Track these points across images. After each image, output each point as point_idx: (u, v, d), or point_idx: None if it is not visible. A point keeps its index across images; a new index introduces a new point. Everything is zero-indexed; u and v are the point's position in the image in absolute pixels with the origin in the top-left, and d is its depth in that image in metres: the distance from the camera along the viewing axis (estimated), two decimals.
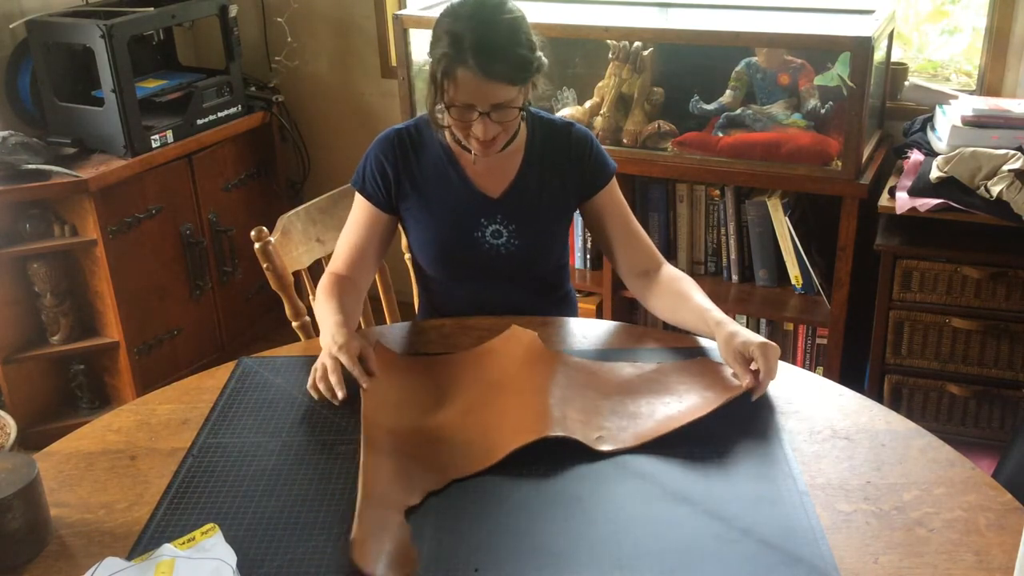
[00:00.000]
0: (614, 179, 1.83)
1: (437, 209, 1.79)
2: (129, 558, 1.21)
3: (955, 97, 2.62)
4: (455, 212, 1.78)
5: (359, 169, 1.82)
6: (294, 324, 1.97)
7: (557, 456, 1.37)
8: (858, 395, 1.52)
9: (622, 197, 1.84)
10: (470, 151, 1.73)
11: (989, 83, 2.69)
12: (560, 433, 1.38)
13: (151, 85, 2.97)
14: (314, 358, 1.68)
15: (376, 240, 1.81)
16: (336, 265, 1.80)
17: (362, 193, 1.81)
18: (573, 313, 1.98)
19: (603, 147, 1.85)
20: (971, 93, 2.72)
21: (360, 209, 1.81)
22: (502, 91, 1.59)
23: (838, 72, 2.58)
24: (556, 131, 1.81)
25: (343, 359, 1.50)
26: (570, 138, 1.80)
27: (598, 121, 2.81)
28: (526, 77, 1.62)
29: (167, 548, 1.21)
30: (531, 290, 1.87)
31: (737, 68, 2.75)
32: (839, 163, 2.51)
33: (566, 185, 1.80)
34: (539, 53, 1.66)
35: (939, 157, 2.43)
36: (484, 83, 1.57)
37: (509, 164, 1.78)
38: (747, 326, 2.82)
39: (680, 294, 1.70)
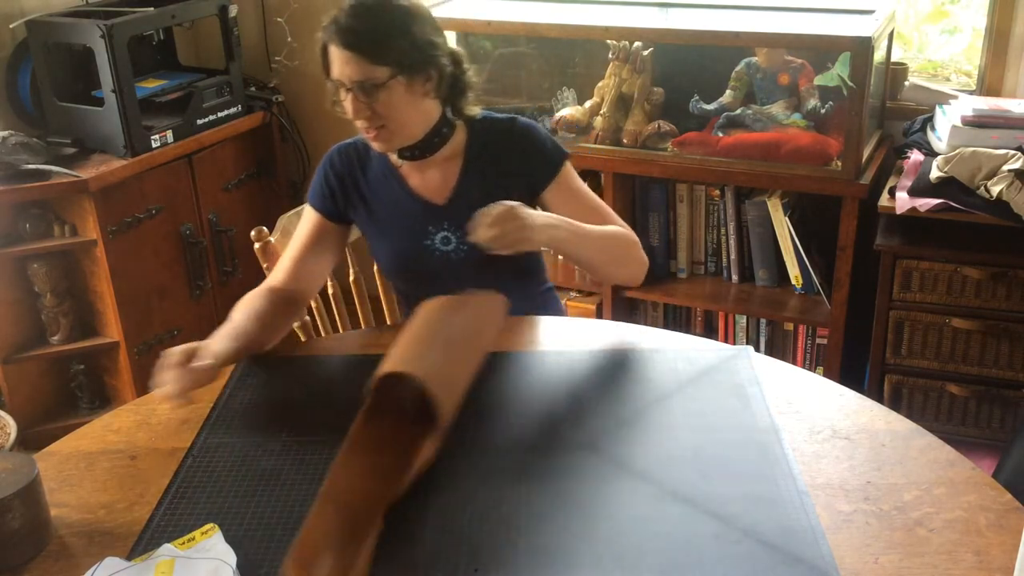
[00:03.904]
0: (567, 167, 1.78)
1: (385, 220, 1.80)
2: (129, 558, 1.21)
3: (955, 97, 2.63)
4: (402, 222, 1.79)
5: (311, 183, 1.84)
6: (294, 324, 1.97)
7: (557, 456, 1.38)
8: (858, 395, 1.52)
9: (580, 184, 1.80)
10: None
11: (989, 83, 2.69)
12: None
13: (151, 85, 2.96)
14: (315, 358, 1.68)
15: (318, 248, 1.80)
16: (271, 277, 1.79)
17: (311, 205, 1.82)
18: (555, 311, 1.96)
19: (552, 136, 1.82)
20: (971, 93, 2.72)
21: (306, 220, 1.82)
22: (362, 67, 1.61)
23: (838, 72, 2.58)
24: (498, 128, 1.80)
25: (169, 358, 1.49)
26: (512, 132, 1.79)
27: (598, 121, 2.81)
28: (391, 59, 1.61)
29: (167, 548, 1.21)
30: (501, 292, 1.80)
31: (737, 68, 2.76)
32: (839, 163, 2.51)
33: (513, 181, 1.77)
34: (434, 52, 1.66)
35: (939, 157, 2.43)
36: (344, 55, 1.61)
37: (448, 170, 1.78)
38: (747, 326, 2.83)
39: None
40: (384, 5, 1.65)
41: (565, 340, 1.70)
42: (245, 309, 1.68)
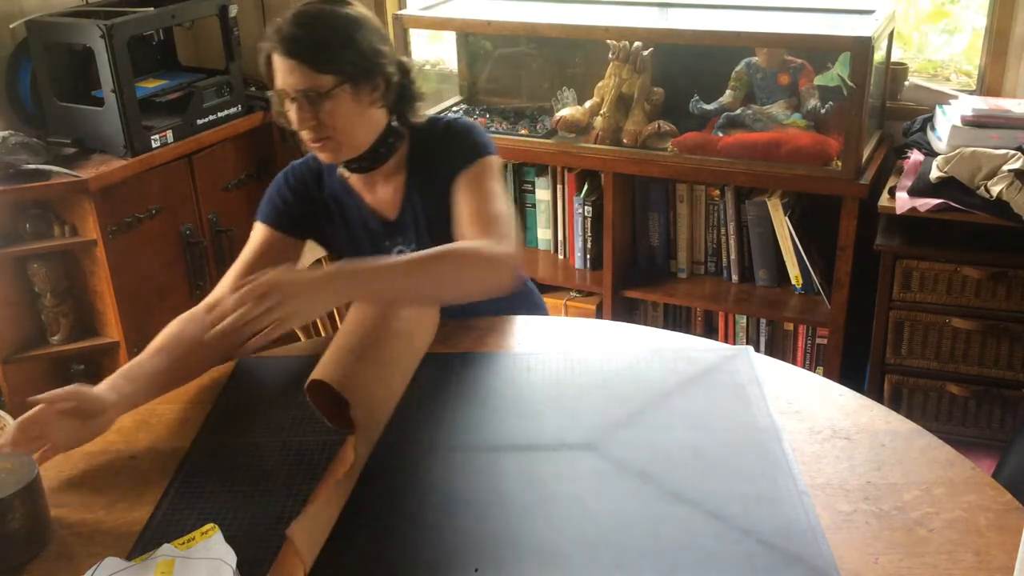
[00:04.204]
0: (483, 164, 1.68)
1: (345, 238, 1.77)
2: (129, 558, 1.21)
3: (955, 97, 2.63)
4: (361, 240, 1.76)
5: (261, 203, 1.77)
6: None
7: (556, 456, 1.38)
8: (858, 395, 1.52)
9: (485, 184, 1.66)
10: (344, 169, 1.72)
11: (989, 83, 2.69)
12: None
13: (151, 85, 2.97)
14: (314, 358, 1.68)
15: (268, 263, 1.65)
16: (212, 295, 1.66)
17: (264, 221, 1.74)
18: (530, 303, 1.92)
19: (483, 135, 1.73)
20: (971, 93, 2.72)
21: (256, 237, 1.74)
22: (306, 75, 1.57)
23: (838, 72, 2.58)
24: (434, 132, 1.74)
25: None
26: (444, 134, 1.74)
27: (598, 121, 2.81)
28: (336, 67, 1.58)
29: (167, 548, 1.21)
30: None
31: (737, 68, 2.76)
32: (839, 163, 2.51)
33: (446, 183, 1.69)
34: (379, 60, 1.62)
35: (939, 157, 2.43)
36: (287, 64, 1.58)
37: (394, 183, 1.75)
38: (747, 326, 2.83)
39: None
40: (328, 13, 1.62)
41: (565, 340, 1.70)
42: (162, 341, 1.57)
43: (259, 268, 1.66)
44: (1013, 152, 2.34)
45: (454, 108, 3.10)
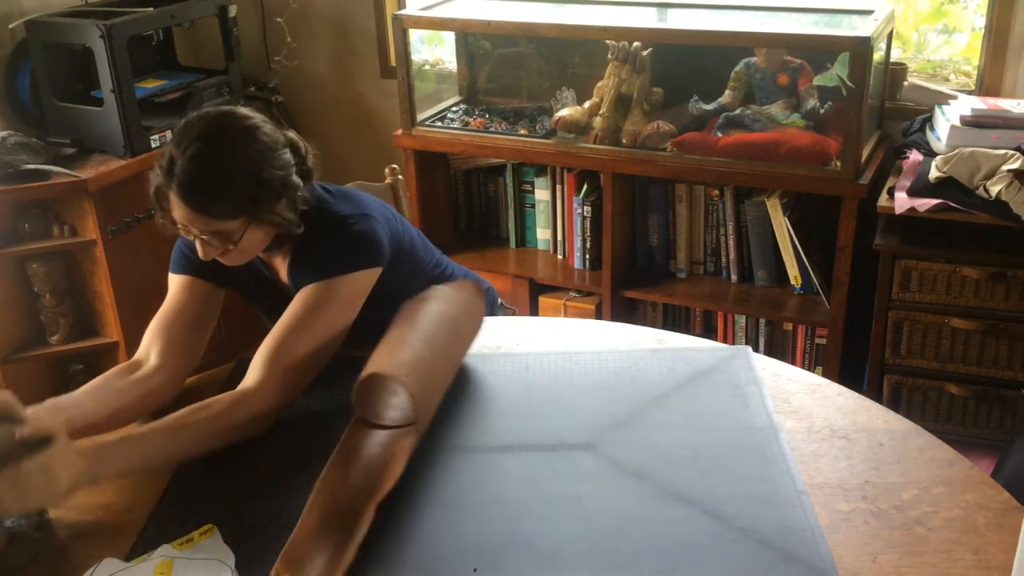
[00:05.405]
0: (329, 288, 1.56)
1: (263, 299, 1.73)
2: (128, 559, 1.21)
3: (954, 97, 2.63)
4: (272, 303, 1.69)
5: (173, 257, 1.69)
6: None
7: (556, 456, 1.38)
8: (856, 394, 1.52)
9: (317, 315, 1.55)
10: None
11: (988, 83, 2.69)
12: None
13: (151, 85, 2.97)
14: None
15: (188, 311, 1.63)
16: (139, 354, 1.59)
17: (182, 272, 1.66)
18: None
19: (362, 248, 1.61)
20: (970, 93, 2.72)
21: (175, 287, 1.66)
22: (210, 223, 1.50)
23: (837, 72, 2.58)
24: (323, 223, 1.62)
25: None
26: (327, 233, 1.62)
27: (597, 121, 2.81)
28: (243, 211, 1.49)
29: (166, 549, 1.21)
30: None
31: (736, 68, 2.76)
32: (838, 163, 2.51)
33: (302, 282, 1.61)
34: (286, 183, 1.53)
35: (938, 157, 2.44)
36: (190, 213, 1.49)
37: (287, 256, 1.67)
38: (746, 326, 2.83)
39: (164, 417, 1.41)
40: (227, 150, 1.49)
41: (564, 340, 1.71)
42: (96, 385, 1.51)
43: (185, 316, 1.62)
44: (1012, 152, 2.34)
45: (454, 108, 3.10)
